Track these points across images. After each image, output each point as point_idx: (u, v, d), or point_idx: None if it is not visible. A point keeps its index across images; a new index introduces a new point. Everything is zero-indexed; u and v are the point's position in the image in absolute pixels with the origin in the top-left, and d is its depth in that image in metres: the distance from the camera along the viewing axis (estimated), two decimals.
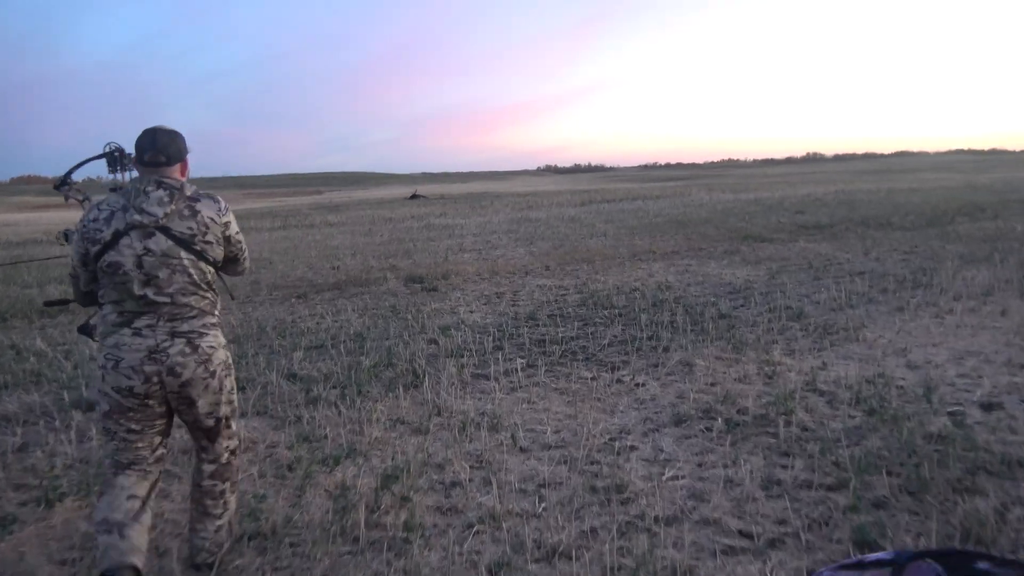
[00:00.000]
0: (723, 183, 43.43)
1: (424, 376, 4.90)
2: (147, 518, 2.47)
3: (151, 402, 2.41)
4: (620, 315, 6.72)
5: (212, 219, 2.48)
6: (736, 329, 5.95)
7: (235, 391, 2.65)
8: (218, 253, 2.52)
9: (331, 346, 5.97)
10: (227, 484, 2.66)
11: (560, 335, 6.03)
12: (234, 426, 2.67)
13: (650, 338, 5.78)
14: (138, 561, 2.34)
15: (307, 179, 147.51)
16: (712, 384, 4.62)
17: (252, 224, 23.94)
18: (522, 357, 5.42)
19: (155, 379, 2.36)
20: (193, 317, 2.44)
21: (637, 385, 4.67)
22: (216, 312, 2.56)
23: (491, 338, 5.99)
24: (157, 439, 2.53)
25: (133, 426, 2.44)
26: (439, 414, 4.23)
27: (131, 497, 2.43)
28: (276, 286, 9.72)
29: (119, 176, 2.74)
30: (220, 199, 2.57)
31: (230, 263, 2.66)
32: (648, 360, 5.20)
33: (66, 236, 2.71)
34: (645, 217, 18.66)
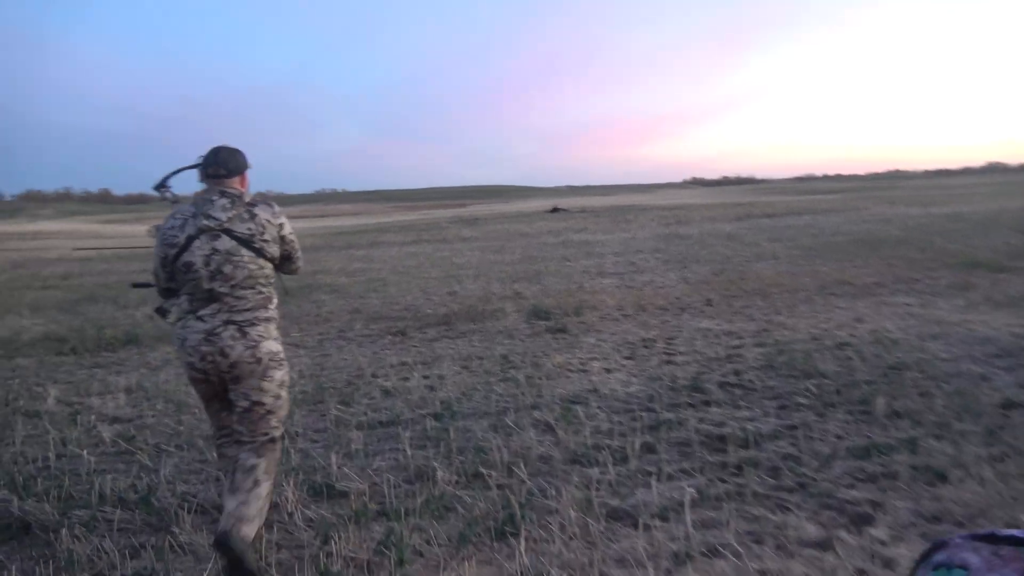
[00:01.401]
0: (898, 196, 38.36)
1: (523, 519, 2.92)
2: (262, 489, 2.61)
3: (210, 378, 2.71)
4: (837, 392, 4.41)
5: (268, 220, 2.76)
6: None
7: (285, 387, 2.81)
8: (274, 251, 2.78)
9: (403, 425, 4.15)
10: (261, 460, 2.68)
11: (746, 428, 3.85)
12: (274, 422, 2.78)
13: (907, 446, 3.49)
14: (248, 530, 2.47)
15: (453, 192, 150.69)
16: None
17: (386, 238, 23.16)
18: (689, 474, 3.32)
19: (209, 358, 2.65)
20: (247, 309, 2.71)
21: None
22: (270, 307, 2.79)
23: (638, 426, 3.94)
24: (227, 404, 2.80)
25: (205, 393, 2.80)
26: None
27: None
28: (377, 316, 8.15)
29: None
30: (274, 205, 2.84)
31: (285, 261, 2.90)
32: (919, 504, 2.93)
33: (157, 229, 2.78)
34: (820, 235, 15.75)
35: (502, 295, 9.38)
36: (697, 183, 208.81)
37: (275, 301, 2.82)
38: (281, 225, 2.80)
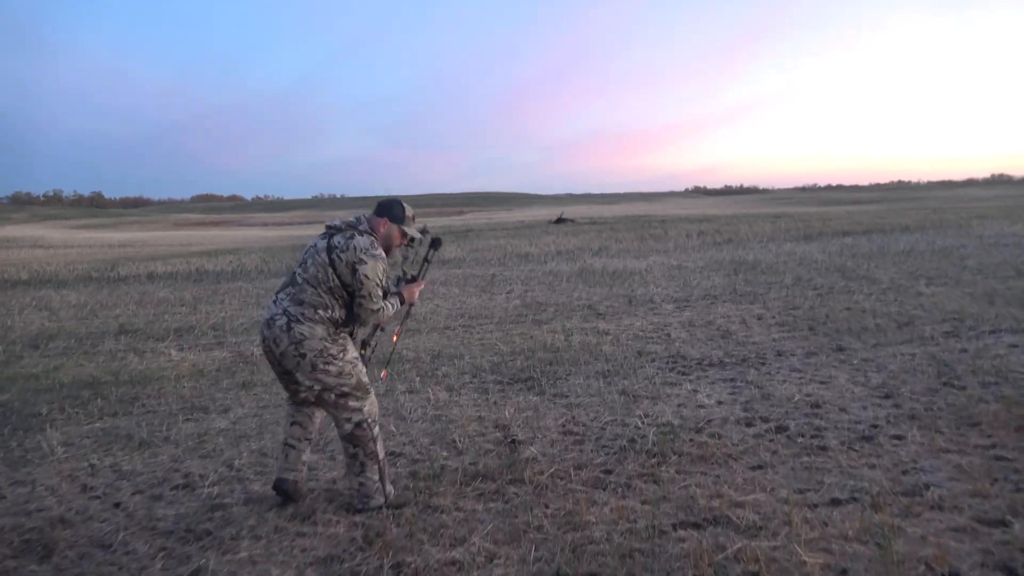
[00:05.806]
0: (953, 209, 32.77)
1: None
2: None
3: (270, 358, 3.13)
4: None
5: (354, 248, 3.12)
6: None
7: (346, 375, 3.11)
8: (343, 273, 3.10)
9: None
10: (357, 450, 3.16)
11: None
12: (353, 404, 3.14)
13: None
14: (291, 476, 3.23)
15: (454, 199, 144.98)
16: None
17: None
18: None
19: (266, 343, 3.09)
20: (301, 304, 3.08)
21: None
22: (322, 314, 3.07)
23: None
24: (293, 387, 3.16)
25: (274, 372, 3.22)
26: None
27: (294, 424, 3.29)
28: None
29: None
30: (375, 248, 3.15)
31: (353, 295, 3.12)
32: None
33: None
34: (960, 266, 10.09)
35: (475, 465, 3.71)
36: (700, 192, 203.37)
37: (332, 314, 3.09)
38: (359, 260, 3.08)
